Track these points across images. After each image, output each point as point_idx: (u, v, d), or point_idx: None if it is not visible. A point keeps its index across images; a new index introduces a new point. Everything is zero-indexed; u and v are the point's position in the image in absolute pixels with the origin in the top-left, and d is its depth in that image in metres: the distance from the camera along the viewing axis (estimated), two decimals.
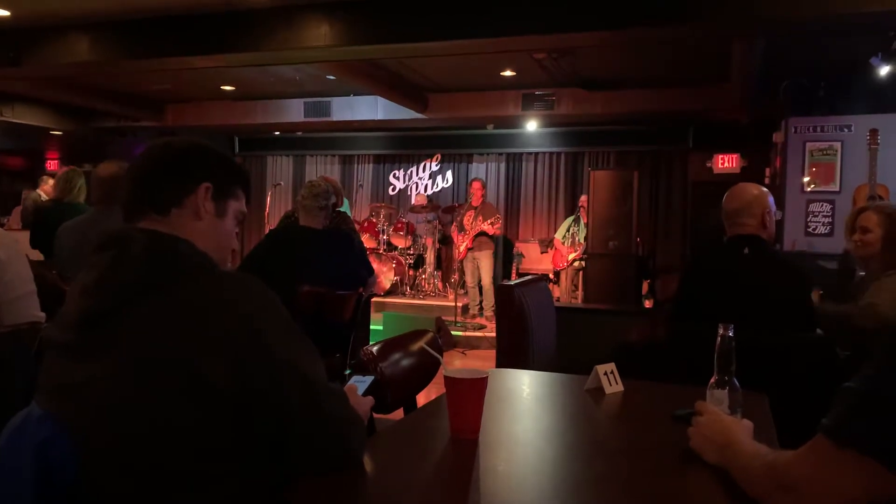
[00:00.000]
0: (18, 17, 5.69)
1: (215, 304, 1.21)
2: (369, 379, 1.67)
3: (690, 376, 2.06)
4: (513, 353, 3.34)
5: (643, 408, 1.87)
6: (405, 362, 2.08)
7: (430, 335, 2.21)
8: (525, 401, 1.95)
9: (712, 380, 1.50)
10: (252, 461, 1.21)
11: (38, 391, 1.28)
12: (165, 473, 1.15)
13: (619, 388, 1.95)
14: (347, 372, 3.00)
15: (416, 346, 2.14)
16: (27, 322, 2.21)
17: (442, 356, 2.21)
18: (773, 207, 2.73)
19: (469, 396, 1.49)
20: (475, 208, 8.51)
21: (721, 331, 1.46)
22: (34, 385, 1.29)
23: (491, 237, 8.46)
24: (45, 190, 8.66)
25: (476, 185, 8.60)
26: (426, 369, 2.15)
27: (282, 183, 8.61)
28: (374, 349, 1.95)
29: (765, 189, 2.78)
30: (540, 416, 1.81)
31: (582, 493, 1.29)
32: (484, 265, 8.44)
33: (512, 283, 3.50)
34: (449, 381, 1.49)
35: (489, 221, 8.31)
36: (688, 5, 4.59)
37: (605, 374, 1.95)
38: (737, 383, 1.47)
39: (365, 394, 1.61)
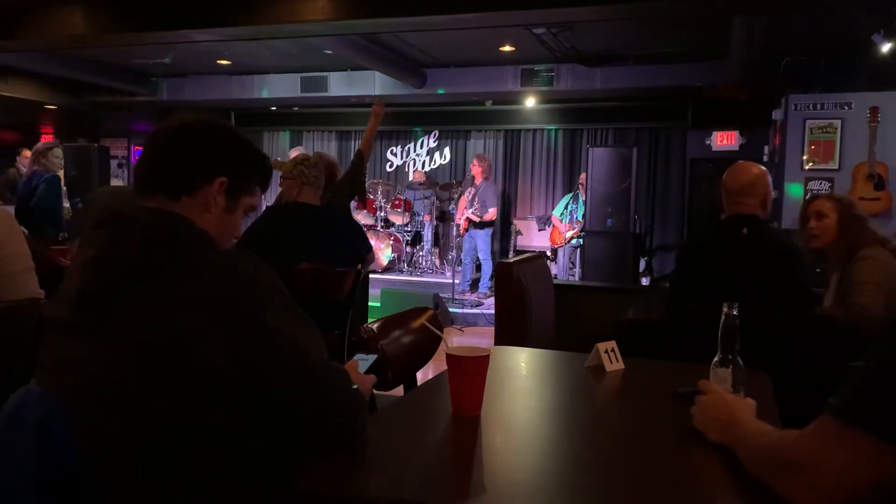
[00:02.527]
0: None
1: (215, 283, 1.19)
2: (372, 357, 1.67)
3: (690, 355, 2.06)
4: (512, 331, 3.34)
5: (644, 385, 1.87)
6: (405, 339, 2.08)
7: (430, 312, 2.21)
8: (526, 378, 1.95)
9: (716, 358, 1.50)
10: (252, 441, 1.20)
11: (37, 368, 1.27)
12: (164, 452, 1.15)
13: (620, 365, 1.95)
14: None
15: (416, 324, 2.14)
16: (26, 298, 2.20)
17: (442, 333, 2.21)
18: (771, 187, 2.73)
19: (471, 374, 1.49)
20: (475, 187, 8.50)
21: (725, 309, 1.46)
22: (33, 361, 1.28)
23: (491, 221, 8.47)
24: (23, 163, 8.61)
25: (475, 163, 8.58)
26: (426, 346, 2.15)
27: (279, 158, 8.52)
28: (375, 326, 1.95)
29: (764, 168, 2.78)
30: (541, 394, 1.81)
31: (584, 473, 1.28)
32: (480, 243, 8.45)
33: (511, 260, 3.49)
34: (451, 358, 1.49)
35: (475, 210, 8.31)
36: None
37: (606, 351, 1.95)
38: (740, 362, 1.47)
39: (367, 372, 1.60)
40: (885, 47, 5.48)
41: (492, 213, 8.49)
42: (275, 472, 1.23)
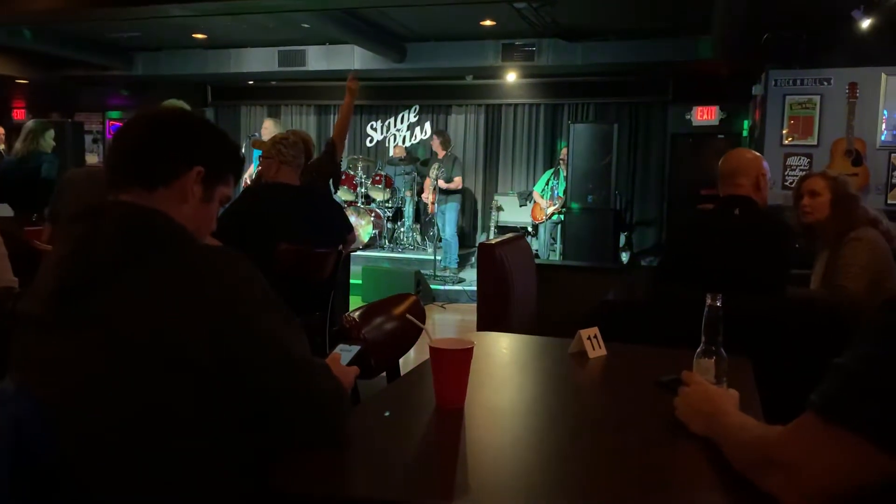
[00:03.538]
0: None
1: (194, 278, 1.18)
2: (355, 348, 1.65)
3: (673, 337, 2.07)
4: (494, 312, 3.34)
5: (627, 373, 1.87)
6: (388, 326, 2.07)
7: (412, 299, 2.20)
8: (509, 367, 1.95)
9: (699, 349, 1.50)
10: (234, 437, 1.19)
11: (12, 366, 1.25)
12: (143, 450, 1.13)
13: (603, 352, 1.95)
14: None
15: (398, 311, 2.12)
16: (0, 287, 2.16)
17: (424, 322, 2.20)
18: (769, 173, 2.75)
19: (454, 367, 1.48)
20: (439, 161, 8.54)
21: (709, 300, 1.46)
22: (7, 353, 1.25)
23: (457, 190, 8.50)
24: None
25: (434, 139, 8.80)
26: (409, 333, 2.14)
27: (257, 134, 8.41)
28: (357, 315, 1.93)
29: (758, 154, 2.82)
30: (524, 384, 1.81)
31: (568, 465, 1.29)
32: (448, 218, 8.46)
33: (493, 242, 3.48)
34: (434, 351, 1.48)
35: (442, 178, 8.35)
36: None
37: (589, 338, 1.95)
38: (723, 353, 1.48)
39: (350, 363, 1.59)
40: (865, 23, 5.47)
41: (457, 182, 8.60)
42: (257, 469, 1.22)
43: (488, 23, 7.32)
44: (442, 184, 8.44)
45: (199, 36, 8.32)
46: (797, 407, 1.06)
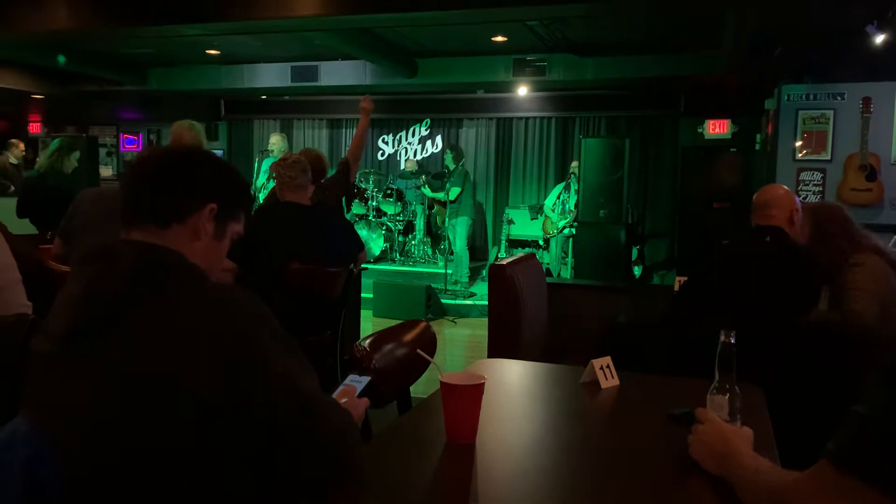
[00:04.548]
0: None
1: (206, 318, 1.18)
2: (366, 379, 1.65)
3: (686, 363, 2.06)
4: (505, 332, 3.33)
5: (640, 405, 1.86)
6: (398, 353, 2.06)
7: (422, 326, 2.19)
8: (521, 398, 1.94)
9: (713, 385, 1.48)
10: (243, 474, 1.19)
11: (24, 404, 1.26)
12: (154, 492, 1.13)
13: (615, 382, 1.94)
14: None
15: (408, 337, 2.12)
16: (13, 314, 2.17)
17: (435, 348, 2.20)
18: (800, 209, 2.77)
19: (466, 402, 1.47)
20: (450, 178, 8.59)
21: (722, 337, 1.44)
22: (21, 377, 1.26)
23: (467, 204, 8.46)
24: (17, 154, 8.52)
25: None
26: (419, 360, 2.13)
27: (272, 150, 8.47)
28: (367, 343, 1.93)
29: (789, 189, 2.87)
30: (536, 417, 1.80)
31: (581, 503, 1.28)
32: (458, 232, 8.45)
33: (504, 262, 3.47)
34: (445, 387, 1.47)
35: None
36: None
37: (601, 368, 1.94)
38: (737, 390, 1.46)
39: (360, 395, 1.59)
40: (879, 39, 5.44)
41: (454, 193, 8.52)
42: None
43: (500, 39, 7.33)
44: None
45: (213, 52, 8.38)
46: (809, 433, 1.05)
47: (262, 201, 6.86)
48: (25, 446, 1.19)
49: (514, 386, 2.02)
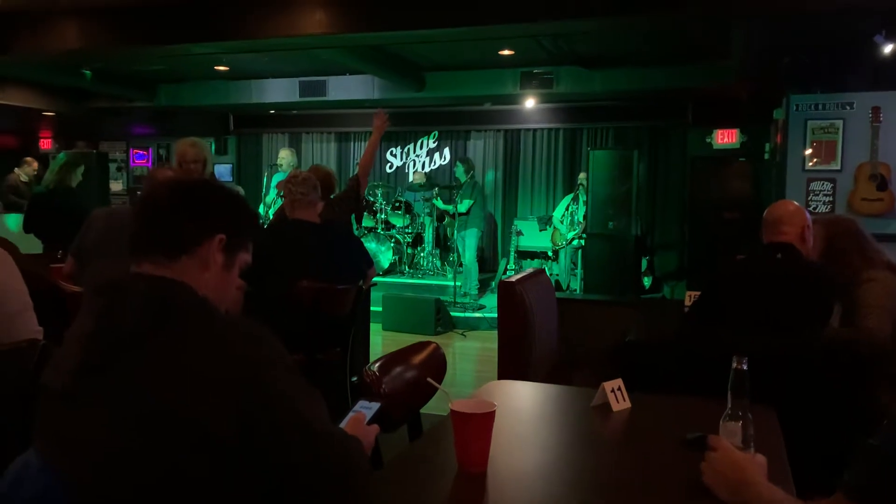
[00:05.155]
0: (7, 4, 5.56)
1: (216, 354, 1.19)
2: (375, 406, 1.65)
3: (698, 381, 2.05)
4: (515, 349, 3.32)
5: (652, 429, 1.84)
6: (408, 375, 2.05)
7: (432, 347, 2.19)
8: (532, 422, 1.93)
9: (726, 412, 1.47)
10: None
11: (36, 438, 1.26)
12: None
13: (627, 405, 1.93)
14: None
15: (418, 359, 2.12)
16: (25, 339, 2.18)
17: (445, 370, 2.19)
18: (811, 225, 2.75)
19: (476, 431, 1.47)
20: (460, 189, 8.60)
21: (735, 364, 1.43)
22: (32, 404, 1.26)
23: (476, 216, 8.46)
24: (28, 171, 8.59)
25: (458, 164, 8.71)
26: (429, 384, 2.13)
27: (281, 164, 8.52)
28: (376, 367, 1.93)
29: (800, 206, 2.85)
30: (548, 442, 1.79)
31: None
32: (468, 244, 8.45)
33: (514, 278, 3.46)
34: (456, 415, 1.47)
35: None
36: None
37: (613, 390, 1.93)
38: (750, 416, 1.45)
39: (370, 421, 1.58)
40: (887, 48, 5.42)
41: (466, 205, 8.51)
42: None
43: (507, 52, 7.34)
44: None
45: (222, 68, 8.44)
46: (822, 451, 1.04)
47: (271, 216, 6.91)
48: (37, 481, 1.20)
49: (525, 410, 2.01)
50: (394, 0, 4.91)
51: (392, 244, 9.07)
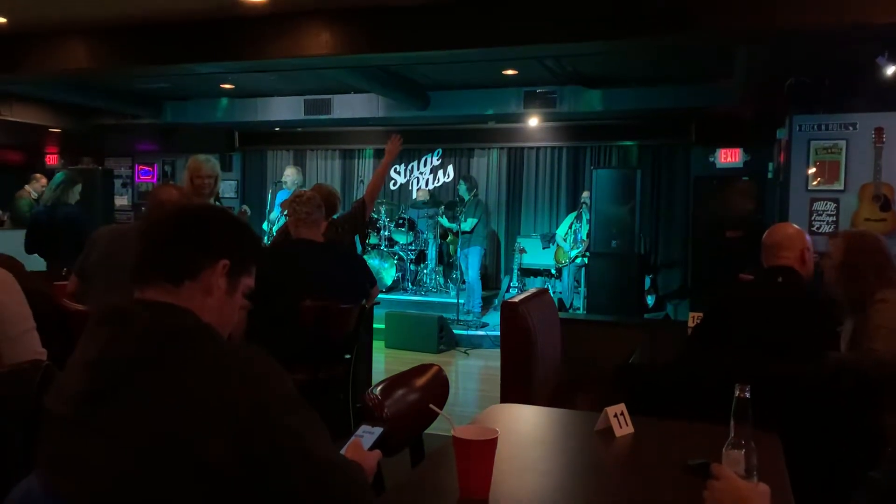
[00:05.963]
0: (15, 24, 5.62)
1: (218, 380, 1.19)
2: (378, 430, 1.64)
3: (700, 404, 2.04)
4: (518, 370, 3.31)
5: (655, 454, 1.84)
6: (410, 398, 2.05)
7: (434, 370, 2.18)
8: (534, 448, 1.92)
9: (728, 441, 1.47)
10: None
11: (38, 464, 1.26)
12: None
13: (630, 429, 1.92)
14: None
15: (420, 382, 2.11)
16: (28, 360, 2.18)
17: (448, 392, 2.19)
18: (812, 247, 2.74)
19: (479, 457, 1.46)
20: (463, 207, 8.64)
21: (737, 392, 1.43)
22: (35, 425, 1.26)
23: (480, 234, 8.48)
24: (37, 188, 8.65)
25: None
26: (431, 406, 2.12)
27: (285, 181, 8.55)
28: (378, 391, 1.92)
29: (800, 229, 2.84)
30: (550, 468, 1.78)
31: None
32: (471, 262, 8.45)
33: (517, 298, 3.46)
34: (458, 441, 1.46)
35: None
36: (689, 15, 4.57)
37: (616, 415, 1.92)
38: (753, 444, 1.45)
39: (373, 446, 1.58)
40: (890, 70, 5.44)
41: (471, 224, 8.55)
42: None
43: (510, 72, 7.39)
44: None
45: (227, 86, 8.50)
46: (826, 476, 1.03)
47: (274, 234, 6.93)
48: None
49: (527, 435, 2.01)
50: (399, 22, 4.95)
51: (395, 261, 9.08)
